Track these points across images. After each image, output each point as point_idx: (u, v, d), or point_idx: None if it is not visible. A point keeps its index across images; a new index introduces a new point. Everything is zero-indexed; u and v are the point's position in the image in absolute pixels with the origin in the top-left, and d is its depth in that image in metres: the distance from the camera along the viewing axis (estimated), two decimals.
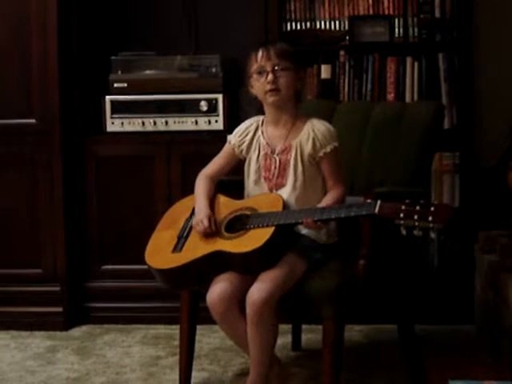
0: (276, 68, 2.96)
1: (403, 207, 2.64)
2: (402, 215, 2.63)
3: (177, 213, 3.14)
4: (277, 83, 2.95)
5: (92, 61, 4.23)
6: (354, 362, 3.50)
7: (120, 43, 4.32)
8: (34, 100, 4.02)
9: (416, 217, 2.61)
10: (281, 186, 3.00)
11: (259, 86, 2.99)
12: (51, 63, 3.99)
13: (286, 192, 2.98)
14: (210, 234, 2.93)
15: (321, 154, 2.99)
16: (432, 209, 2.60)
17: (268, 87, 2.96)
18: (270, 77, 2.95)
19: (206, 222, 2.94)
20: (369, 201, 2.74)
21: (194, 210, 3.07)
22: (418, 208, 2.61)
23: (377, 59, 4.00)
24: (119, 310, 4.11)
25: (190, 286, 3.07)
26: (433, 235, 2.62)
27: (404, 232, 2.64)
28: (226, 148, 3.15)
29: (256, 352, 2.81)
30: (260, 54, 2.98)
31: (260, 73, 2.98)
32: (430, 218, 2.59)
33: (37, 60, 4.00)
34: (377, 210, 2.69)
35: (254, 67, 2.99)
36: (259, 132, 3.08)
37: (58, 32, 3.98)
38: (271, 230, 2.82)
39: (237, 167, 3.16)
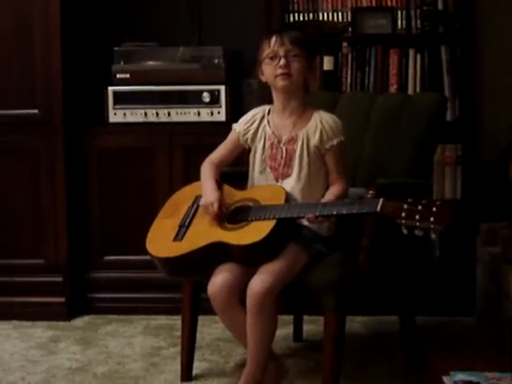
0: (289, 54, 2.96)
1: (405, 206, 2.62)
2: (403, 214, 2.61)
3: (179, 201, 3.14)
4: (289, 68, 2.96)
5: (94, 51, 4.23)
6: (355, 353, 3.51)
7: (122, 34, 4.30)
8: (37, 91, 4.02)
9: (417, 217, 2.59)
10: (287, 175, 3.01)
11: (270, 70, 2.99)
12: (54, 54, 3.98)
13: (291, 182, 2.99)
14: (218, 218, 2.94)
15: (327, 146, 2.99)
16: (434, 209, 2.58)
17: (280, 71, 2.96)
18: (283, 61, 2.95)
19: (216, 206, 2.94)
20: (371, 192, 2.74)
21: (196, 198, 3.07)
22: (419, 208, 2.60)
23: (379, 51, 4.00)
24: (121, 300, 4.12)
25: (190, 274, 3.08)
26: (433, 236, 2.60)
27: (405, 231, 2.63)
28: (231, 136, 3.15)
29: (254, 343, 2.81)
30: (274, 39, 2.98)
31: (272, 58, 2.98)
32: (432, 219, 2.57)
33: (39, 51, 4.00)
34: (379, 208, 2.68)
35: (267, 52, 2.99)
36: (265, 121, 3.08)
37: (60, 23, 3.97)
38: (272, 223, 2.82)
39: (240, 156, 3.17)
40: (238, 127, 3.13)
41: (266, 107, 3.12)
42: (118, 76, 4.13)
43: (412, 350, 3.30)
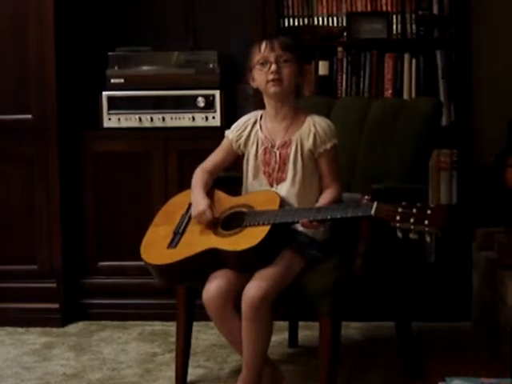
0: (279, 59, 2.96)
1: (400, 209, 2.61)
2: (398, 218, 2.61)
3: (173, 208, 3.13)
4: (280, 74, 2.95)
5: (89, 56, 4.22)
6: (351, 359, 3.50)
7: (117, 39, 4.31)
8: (31, 96, 4.01)
9: (412, 220, 2.58)
10: (281, 180, 3.00)
11: (261, 76, 2.98)
12: (48, 59, 3.98)
13: (286, 186, 2.98)
14: (211, 224, 2.93)
15: (321, 150, 2.98)
16: (428, 212, 2.57)
17: (271, 77, 2.95)
18: (273, 67, 2.95)
19: (208, 214, 2.93)
20: (366, 197, 2.73)
21: (190, 205, 3.05)
22: (414, 211, 2.59)
23: (374, 56, 3.99)
24: (115, 306, 4.11)
25: (185, 281, 3.06)
26: (428, 238, 2.59)
27: (400, 235, 2.62)
28: (224, 143, 3.14)
29: (250, 349, 2.79)
30: (264, 45, 2.97)
31: (263, 64, 2.97)
32: (426, 222, 2.56)
33: (34, 56, 3.99)
34: (373, 211, 2.68)
35: (257, 58, 2.98)
36: (257, 126, 3.08)
37: (54, 27, 3.97)
38: (267, 228, 2.81)
39: (234, 163, 3.15)
40: (230, 134, 3.12)
41: (259, 112, 3.11)
42: (112, 81, 4.12)
43: (408, 355, 3.28)
